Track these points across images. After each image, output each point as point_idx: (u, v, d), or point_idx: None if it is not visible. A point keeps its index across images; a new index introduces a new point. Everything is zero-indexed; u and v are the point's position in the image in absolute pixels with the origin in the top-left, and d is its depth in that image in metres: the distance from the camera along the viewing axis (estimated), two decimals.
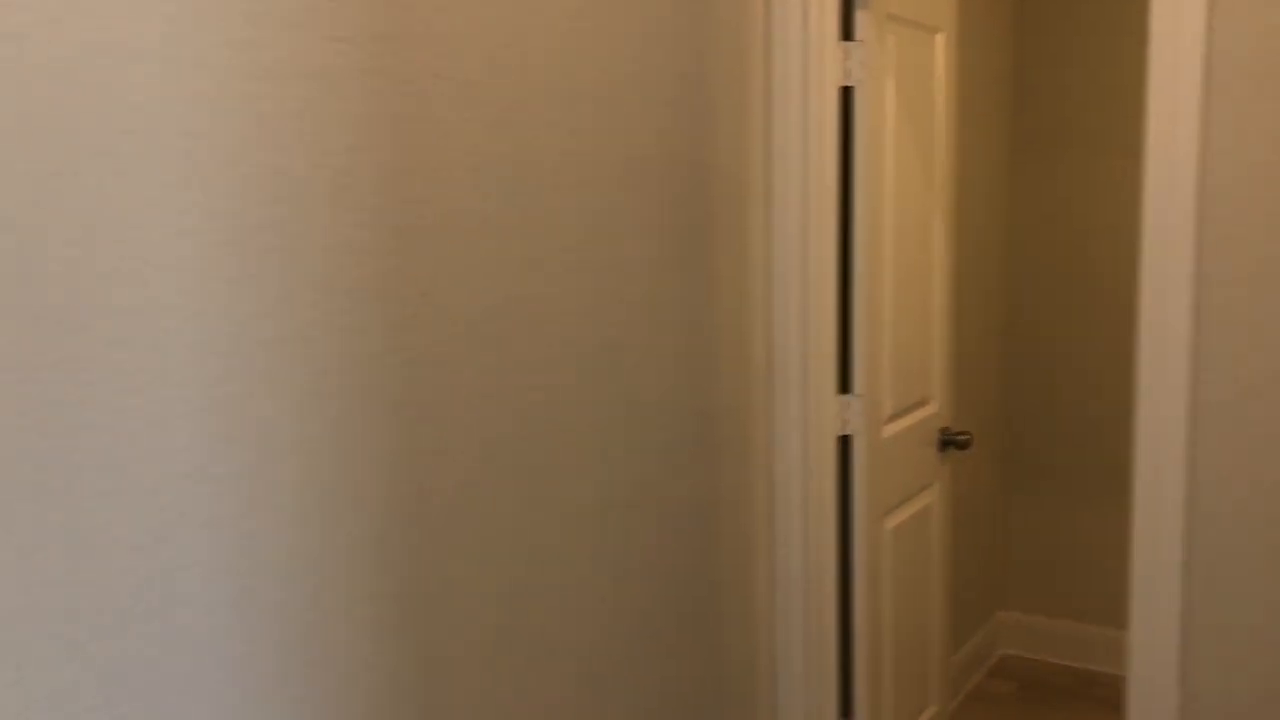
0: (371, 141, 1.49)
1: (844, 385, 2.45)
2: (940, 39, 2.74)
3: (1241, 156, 1.87)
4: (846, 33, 2.36)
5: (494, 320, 1.70)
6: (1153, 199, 1.95)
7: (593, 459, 1.91)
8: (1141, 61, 3.41)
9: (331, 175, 1.44)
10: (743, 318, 2.30)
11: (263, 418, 1.38)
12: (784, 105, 2.30)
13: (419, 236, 1.57)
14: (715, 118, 2.17)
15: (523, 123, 1.72)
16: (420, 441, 1.59)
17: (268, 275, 1.37)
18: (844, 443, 2.47)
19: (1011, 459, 3.82)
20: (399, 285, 1.54)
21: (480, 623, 1.71)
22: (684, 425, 2.14)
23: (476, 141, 1.64)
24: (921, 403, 2.79)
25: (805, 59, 2.27)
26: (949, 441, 2.88)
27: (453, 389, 1.64)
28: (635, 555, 2.04)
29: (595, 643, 1.95)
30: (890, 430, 2.60)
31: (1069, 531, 3.74)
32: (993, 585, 3.86)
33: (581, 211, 1.85)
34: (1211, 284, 1.92)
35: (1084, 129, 3.54)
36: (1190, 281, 1.93)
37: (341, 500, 1.48)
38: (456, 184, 1.62)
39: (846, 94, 2.38)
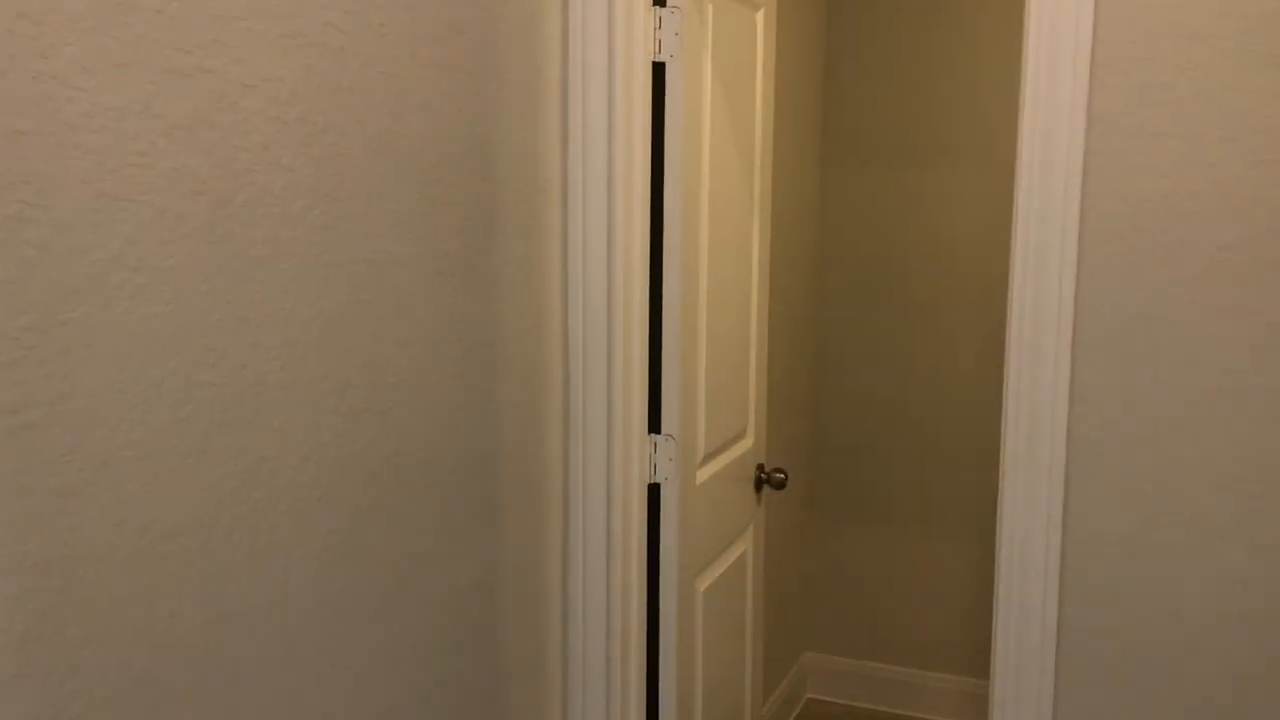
0: None
1: (654, 424, 2.04)
2: (761, 16, 2.38)
3: (1134, 159, 1.57)
4: None
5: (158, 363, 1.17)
6: (1026, 210, 1.64)
7: (329, 541, 1.41)
8: (956, 57, 3.18)
9: None
10: (536, 342, 1.85)
11: None
12: (584, 80, 1.87)
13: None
14: (502, 88, 1.71)
15: (205, 77, 1.20)
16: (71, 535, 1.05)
17: None
18: (654, 491, 2.05)
19: (817, 493, 3.53)
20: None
21: None
22: (461, 482, 1.66)
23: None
24: (738, 438, 2.42)
25: (610, 22, 1.85)
26: (765, 480, 2.53)
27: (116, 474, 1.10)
28: (396, 655, 1.54)
29: None
30: (705, 473, 2.21)
31: (874, 569, 3.49)
32: (799, 627, 3.57)
33: (310, 201, 1.34)
34: (1097, 314, 1.62)
35: (896, 130, 3.29)
36: (1070, 309, 1.62)
37: None
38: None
39: (659, 72, 1.97)
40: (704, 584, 2.24)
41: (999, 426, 3.27)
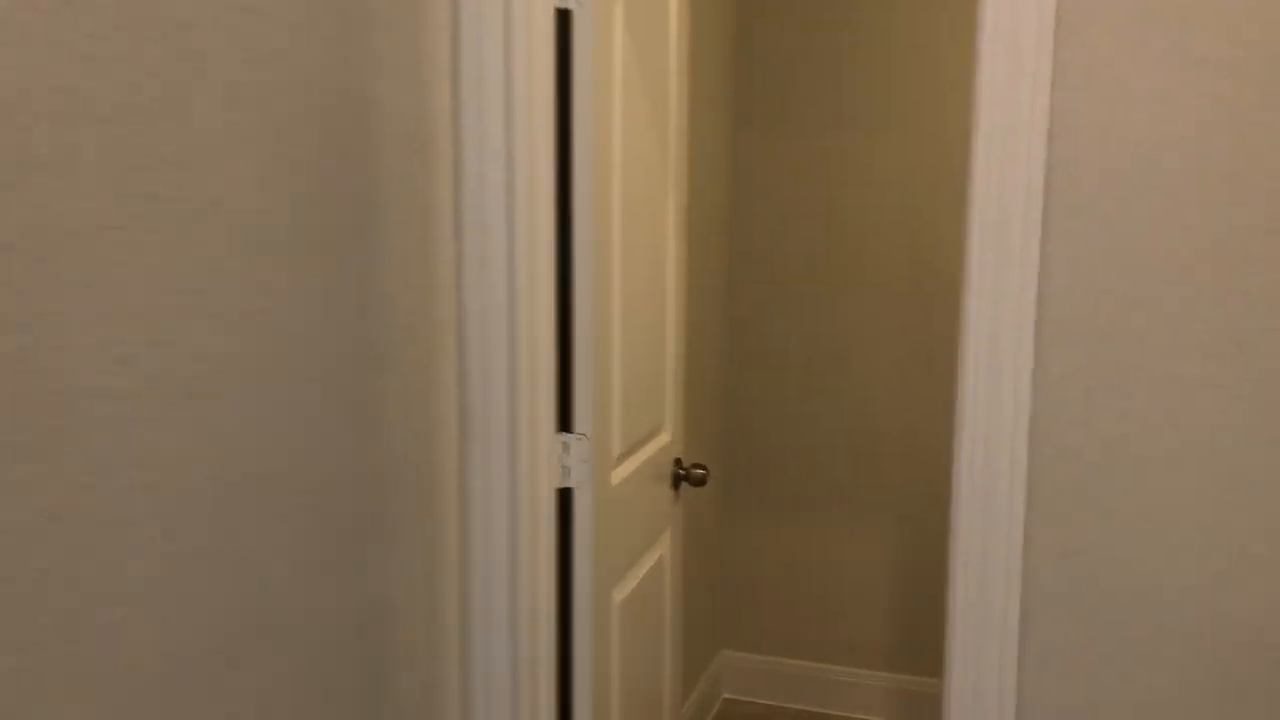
0: None
1: (564, 421, 1.80)
2: None
3: (1111, 129, 1.38)
4: None
5: None
6: (984, 189, 1.44)
7: (152, 586, 1.14)
8: (880, 20, 2.99)
9: None
10: (425, 330, 1.59)
11: None
12: (479, 26, 1.61)
13: None
14: (378, 31, 1.43)
15: None
16: None
17: None
18: (564, 496, 1.81)
19: (730, 485, 3.34)
20: None
21: None
22: (333, 500, 1.40)
23: None
24: (654, 432, 2.19)
25: None
26: (684, 477, 2.31)
27: None
28: (259, 712, 1.28)
29: None
30: (621, 474, 1.98)
31: (791, 563, 3.31)
32: (715, 625, 3.37)
33: (139, 162, 1.06)
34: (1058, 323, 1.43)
35: (814, 97, 3.09)
36: (1033, 307, 1.43)
37: None
38: None
39: (564, 22, 1.72)
40: (620, 595, 2.01)
41: (921, 412, 3.12)
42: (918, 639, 3.23)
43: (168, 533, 1.13)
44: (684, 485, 2.36)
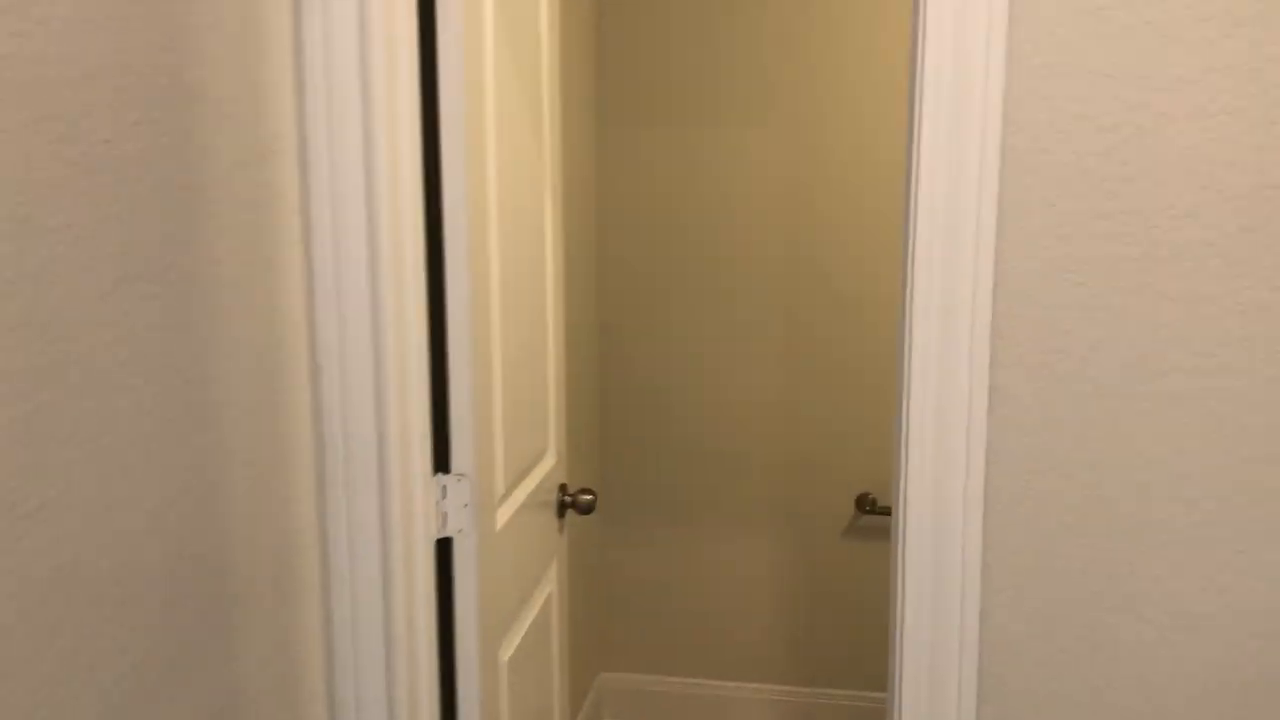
0: None
1: (441, 461, 1.54)
2: None
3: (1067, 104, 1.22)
4: None
5: None
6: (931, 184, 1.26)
7: None
8: (751, 6, 2.81)
9: None
10: (271, 365, 1.31)
11: None
12: (324, 7, 1.34)
13: None
14: (204, 5, 1.15)
15: None
16: None
17: None
18: (444, 546, 1.56)
19: (606, 500, 3.13)
20: None
21: None
22: (167, 590, 1.11)
23: None
24: (539, 456, 1.95)
25: None
26: (570, 504, 2.08)
27: None
28: None
29: None
30: (506, 513, 1.74)
31: (672, 577, 3.13)
32: (595, 646, 3.16)
33: None
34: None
35: (683, 92, 2.90)
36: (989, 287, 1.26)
37: None
38: None
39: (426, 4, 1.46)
40: (507, 653, 1.77)
41: (803, 416, 2.97)
42: (807, 649, 3.09)
43: None
44: (570, 513, 2.14)
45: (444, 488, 1.54)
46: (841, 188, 2.86)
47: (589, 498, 2.06)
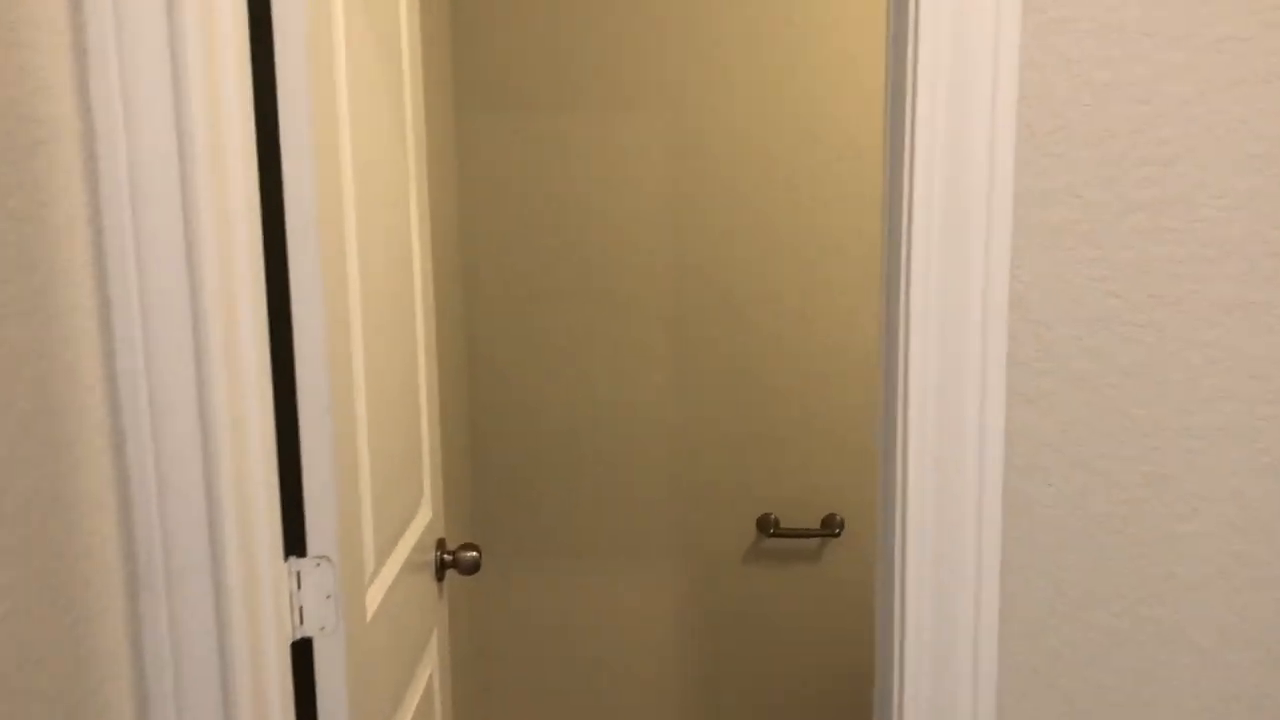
0: None
1: (294, 542, 1.20)
2: None
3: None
4: None
5: None
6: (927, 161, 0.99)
7: None
8: None
9: None
10: (47, 428, 0.94)
11: None
12: None
13: None
14: None
15: None
16: None
17: None
18: (303, 648, 1.22)
19: (482, 540, 2.79)
20: None
21: None
22: None
23: None
24: (414, 511, 1.62)
25: None
26: (450, 563, 1.75)
27: None
28: None
29: None
30: (377, 593, 1.40)
31: (555, 623, 2.82)
32: (475, 697, 2.82)
33: None
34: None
35: (554, 75, 2.59)
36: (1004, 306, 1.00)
37: None
38: None
39: None
40: None
41: (697, 438, 2.70)
42: (714, 686, 2.83)
43: None
44: (450, 572, 1.81)
45: (299, 575, 1.19)
46: (733, 180, 2.60)
47: (472, 555, 1.74)
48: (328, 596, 1.20)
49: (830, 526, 2.70)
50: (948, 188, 0.97)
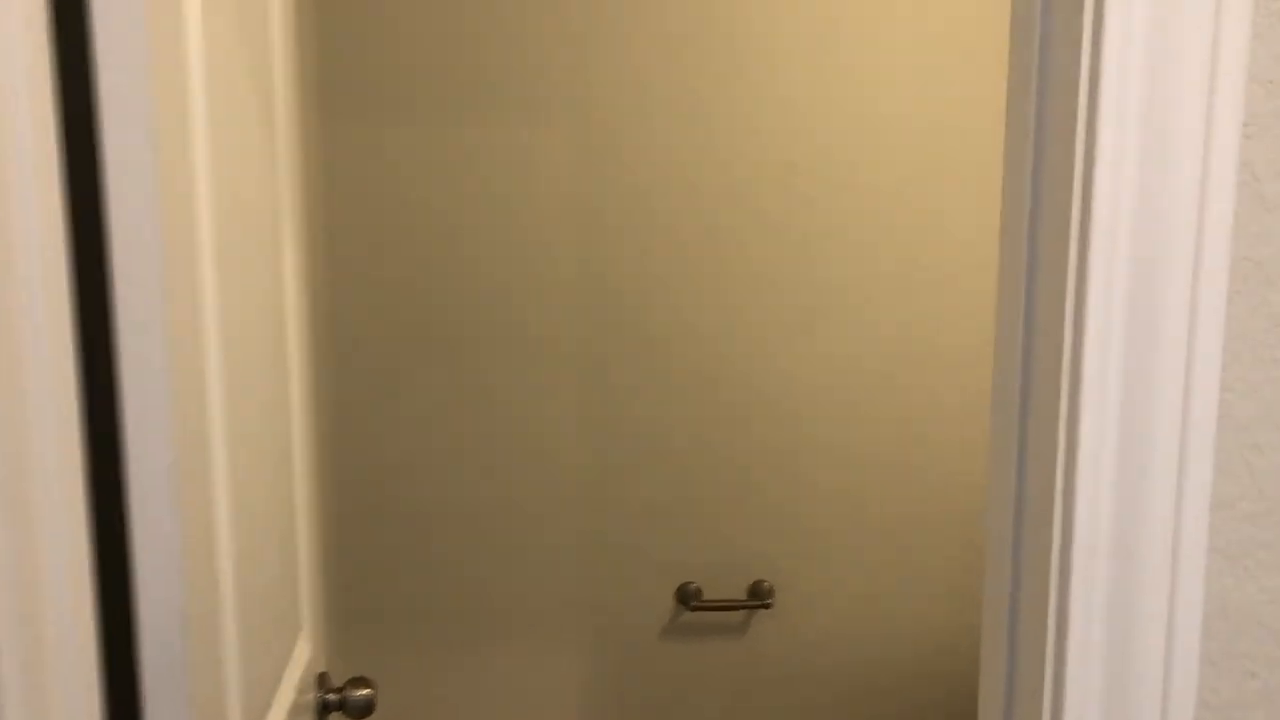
0: None
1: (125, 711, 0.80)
2: None
3: None
4: None
5: None
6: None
7: None
8: None
9: None
10: None
11: None
12: None
13: None
14: None
15: None
16: None
17: None
18: None
19: (351, 623, 2.37)
20: None
21: None
22: None
23: None
24: (290, 647, 1.22)
25: None
26: (337, 706, 1.35)
27: None
28: None
29: None
30: None
31: (432, 705, 2.42)
32: None
33: None
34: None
35: (438, 79, 2.21)
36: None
37: None
38: None
39: None
40: None
41: (608, 496, 2.36)
42: None
43: None
44: (337, 715, 1.41)
45: None
46: (649, 203, 2.27)
47: (365, 693, 1.35)
48: None
49: (759, 596, 2.39)
50: (1132, 265, 0.66)
